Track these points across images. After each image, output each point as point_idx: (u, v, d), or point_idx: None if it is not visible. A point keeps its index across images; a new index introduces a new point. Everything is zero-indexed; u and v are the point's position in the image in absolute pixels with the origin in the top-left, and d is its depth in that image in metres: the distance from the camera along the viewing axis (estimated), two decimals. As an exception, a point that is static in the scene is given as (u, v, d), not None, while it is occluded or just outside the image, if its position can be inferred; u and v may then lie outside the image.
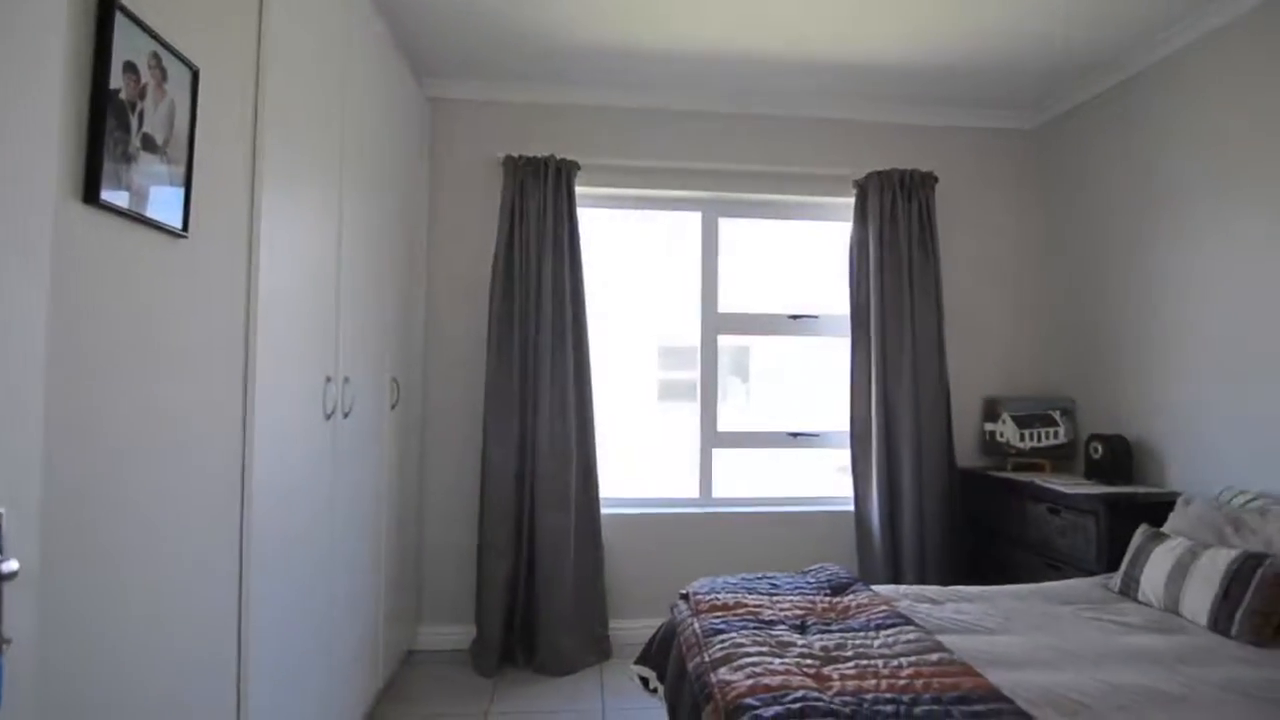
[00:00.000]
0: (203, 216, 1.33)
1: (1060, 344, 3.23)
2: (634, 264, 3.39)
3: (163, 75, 1.20)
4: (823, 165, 3.24)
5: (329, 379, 1.89)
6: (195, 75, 1.29)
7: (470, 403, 3.00)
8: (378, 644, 2.36)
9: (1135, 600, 2.07)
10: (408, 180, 2.67)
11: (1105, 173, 2.96)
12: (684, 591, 2.10)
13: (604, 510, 3.02)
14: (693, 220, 3.34)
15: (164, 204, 1.22)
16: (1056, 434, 3.00)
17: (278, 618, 1.61)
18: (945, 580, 2.93)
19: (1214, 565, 1.90)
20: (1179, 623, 1.89)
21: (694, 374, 3.31)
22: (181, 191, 1.27)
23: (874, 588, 2.14)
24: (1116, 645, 1.72)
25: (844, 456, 3.21)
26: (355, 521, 2.13)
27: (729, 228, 3.36)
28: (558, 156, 2.97)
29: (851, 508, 3.14)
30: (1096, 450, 2.73)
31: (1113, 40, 2.64)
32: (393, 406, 2.47)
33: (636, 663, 2.07)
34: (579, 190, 3.06)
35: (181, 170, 1.27)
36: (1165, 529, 2.21)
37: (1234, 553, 1.89)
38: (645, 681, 2.03)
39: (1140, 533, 2.20)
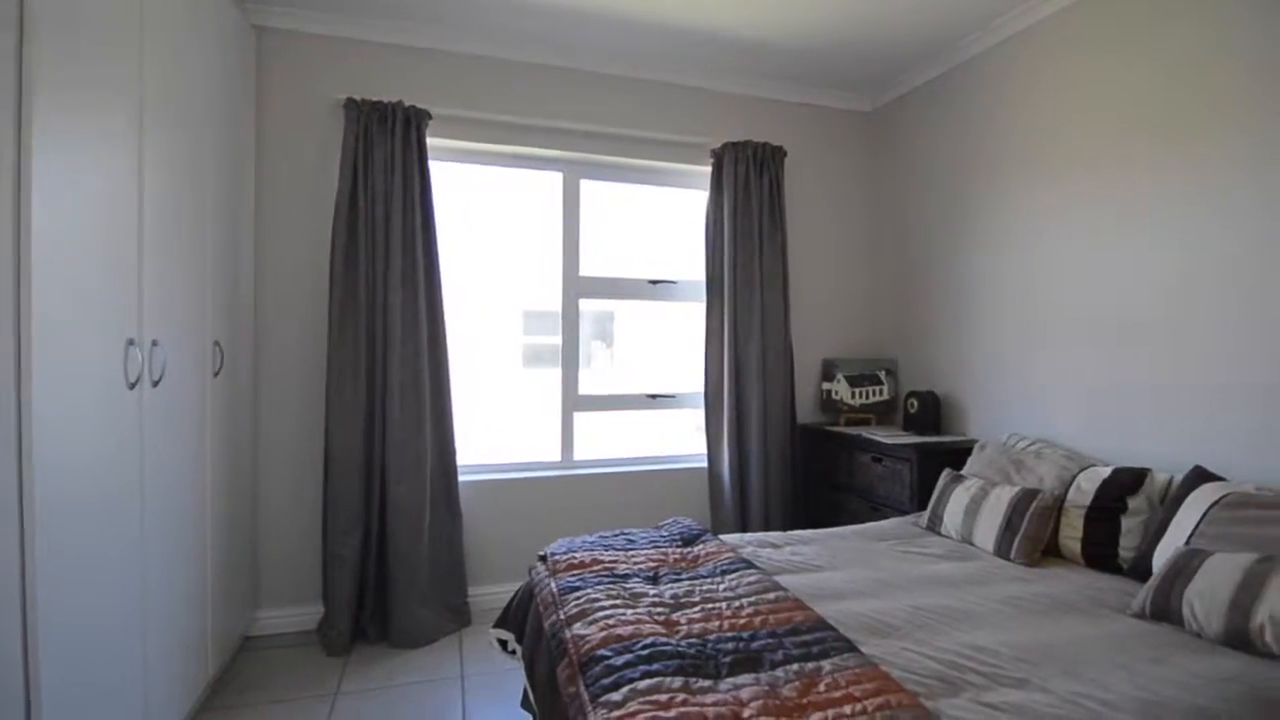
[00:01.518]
0: (-55, 144, 1.10)
1: (886, 310, 3.57)
2: (495, 224, 3.27)
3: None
4: (682, 133, 3.30)
5: (131, 342, 1.65)
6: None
7: (310, 369, 2.78)
8: (206, 633, 2.16)
9: (939, 534, 2.38)
10: (230, 117, 2.37)
11: (928, 156, 3.27)
12: (542, 553, 2.12)
13: (463, 478, 2.95)
14: (554, 181, 3.28)
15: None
16: (881, 391, 3.34)
17: (75, 615, 1.42)
18: (787, 526, 3.20)
19: (999, 501, 2.22)
20: (972, 551, 2.20)
21: (559, 339, 3.29)
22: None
23: (722, 537, 2.28)
24: (922, 573, 1.97)
25: (699, 416, 3.36)
26: (172, 502, 1.91)
27: (591, 190, 3.34)
28: (407, 103, 2.77)
29: (705, 464, 3.32)
30: (913, 405, 3.08)
31: (939, 32, 2.89)
32: (216, 373, 2.23)
33: (495, 626, 2.07)
34: (431, 142, 2.89)
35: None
36: (964, 471, 2.55)
37: (1015, 489, 2.23)
38: (504, 644, 2.03)
39: (944, 476, 2.52)
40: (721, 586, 1.80)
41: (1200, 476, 1.93)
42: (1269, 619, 1.44)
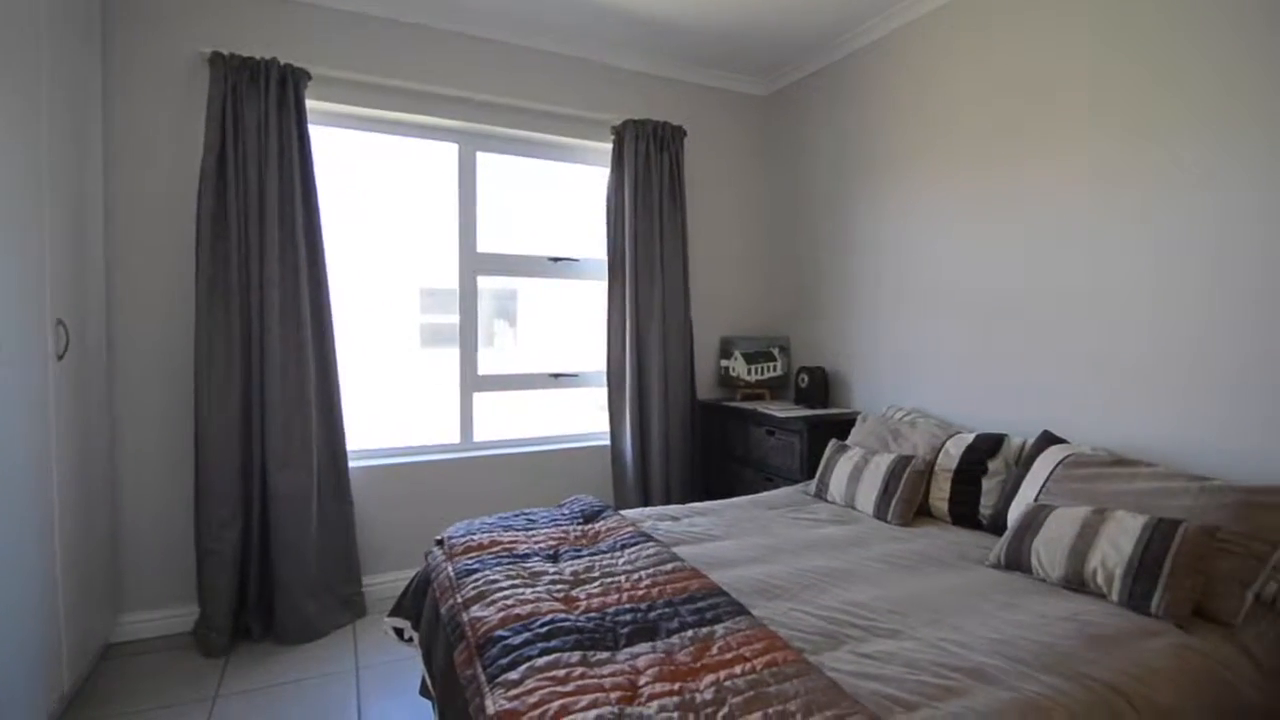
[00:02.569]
0: None
1: (778, 289, 3.72)
2: (388, 196, 3.09)
3: None
4: (583, 108, 3.25)
5: (-52, 320, 1.45)
6: None
7: (176, 350, 2.54)
8: (59, 644, 1.96)
9: (826, 500, 2.53)
10: (68, 70, 2.09)
11: (814, 143, 3.41)
12: (439, 537, 2.06)
13: (355, 463, 2.82)
14: (449, 152, 3.15)
15: None
16: (775, 367, 3.48)
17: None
18: (687, 499, 3.29)
19: (878, 468, 2.38)
20: (854, 515, 2.35)
21: (458, 317, 3.18)
22: None
23: (623, 512, 2.31)
24: (809, 538, 2.09)
25: (603, 394, 3.37)
26: (8, 500, 1.70)
27: (488, 163, 3.23)
28: (282, 61, 2.56)
29: (608, 442, 3.34)
30: (804, 380, 3.23)
31: (822, 24, 2.99)
32: (60, 356, 1.99)
33: (390, 615, 2.00)
34: (311, 105, 2.69)
35: None
36: (848, 441, 2.71)
37: (892, 456, 2.39)
38: (400, 632, 1.97)
39: (830, 446, 2.67)
40: (621, 560, 1.82)
41: (1047, 440, 2.15)
42: (1100, 564, 1.64)
